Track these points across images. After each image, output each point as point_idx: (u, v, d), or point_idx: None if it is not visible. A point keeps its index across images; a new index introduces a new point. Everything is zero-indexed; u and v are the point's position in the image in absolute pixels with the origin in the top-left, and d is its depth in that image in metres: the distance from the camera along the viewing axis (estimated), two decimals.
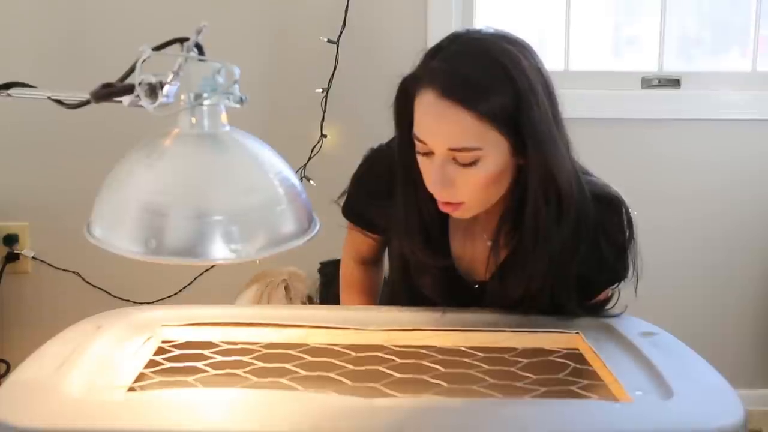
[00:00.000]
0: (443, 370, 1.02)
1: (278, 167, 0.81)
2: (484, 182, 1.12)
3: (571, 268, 1.18)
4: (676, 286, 2.25)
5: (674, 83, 2.21)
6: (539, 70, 1.13)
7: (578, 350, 1.09)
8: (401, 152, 1.21)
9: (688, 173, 2.23)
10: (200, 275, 2.18)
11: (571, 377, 1.01)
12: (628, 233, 1.22)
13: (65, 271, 2.22)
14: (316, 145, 2.12)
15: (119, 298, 2.18)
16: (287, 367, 1.02)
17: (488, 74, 1.08)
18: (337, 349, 1.08)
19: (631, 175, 2.10)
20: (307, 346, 1.09)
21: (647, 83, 2.21)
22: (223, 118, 0.79)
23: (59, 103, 0.86)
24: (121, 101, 0.79)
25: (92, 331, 1.08)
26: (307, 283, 1.76)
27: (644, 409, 0.89)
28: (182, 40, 0.77)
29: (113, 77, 0.81)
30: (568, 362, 1.05)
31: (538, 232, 1.15)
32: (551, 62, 1.66)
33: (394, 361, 1.05)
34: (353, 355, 1.06)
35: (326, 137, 2.12)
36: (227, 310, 1.20)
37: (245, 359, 1.05)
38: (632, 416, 0.88)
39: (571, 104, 1.18)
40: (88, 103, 0.82)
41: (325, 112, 2.11)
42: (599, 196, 1.21)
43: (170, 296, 2.17)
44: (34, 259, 2.22)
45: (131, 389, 0.95)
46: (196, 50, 0.76)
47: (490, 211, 1.20)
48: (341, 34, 2.06)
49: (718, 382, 0.96)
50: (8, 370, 2.11)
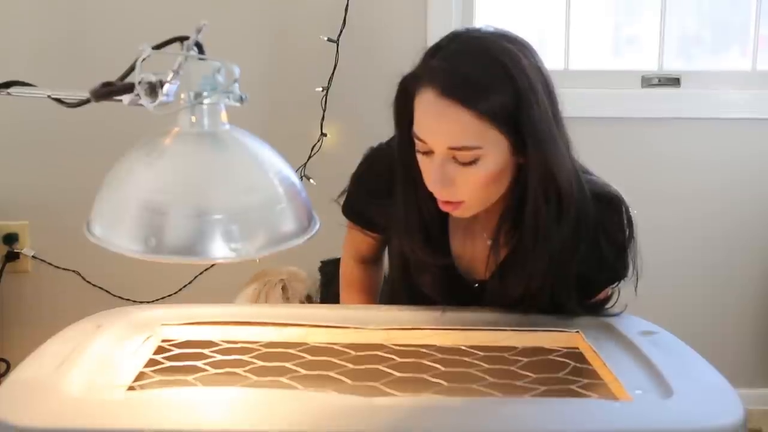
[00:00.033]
0: (443, 369, 1.02)
1: (278, 166, 0.80)
2: (484, 181, 1.12)
3: (571, 267, 1.18)
4: (676, 285, 2.25)
5: (674, 82, 2.21)
6: (539, 68, 1.13)
7: (578, 349, 1.09)
8: (401, 151, 1.21)
9: (688, 172, 2.23)
10: (200, 274, 2.18)
11: (570, 376, 1.01)
12: (628, 232, 1.22)
13: (65, 270, 2.22)
14: (316, 143, 2.12)
15: (119, 297, 2.18)
16: (287, 366, 1.02)
17: (488, 73, 1.08)
18: (336, 348, 1.08)
19: (631, 174, 2.09)
20: (306, 345, 1.09)
21: (647, 82, 2.21)
22: (223, 116, 0.79)
23: (59, 101, 0.86)
24: (121, 100, 0.79)
25: (92, 330, 1.08)
26: (307, 283, 1.75)
27: (644, 408, 0.89)
28: (182, 38, 0.77)
29: (113, 76, 0.81)
30: (568, 361, 1.05)
31: (538, 231, 1.15)
32: (551, 61, 1.67)
33: (393, 360, 1.05)
34: (353, 354, 1.06)
35: (326, 136, 2.12)
36: (227, 309, 1.20)
37: (245, 358, 1.05)
38: (632, 415, 0.88)
39: (571, 103, 1.18)
40: (88, 101, 0.82)
41: (325, 110, 2.11)
42: (599, 195, 1.21)
43: (170, 295, 2.17)
44: (34, 258, 2.22)
45: (131, 388, 0.95)
46: (196, 49, 0.76)
47: (490, 210, 1.20)
48: (341, 32, 2.06)
49: (717, 381, 0.96)
50: (8, 369, 2.10)
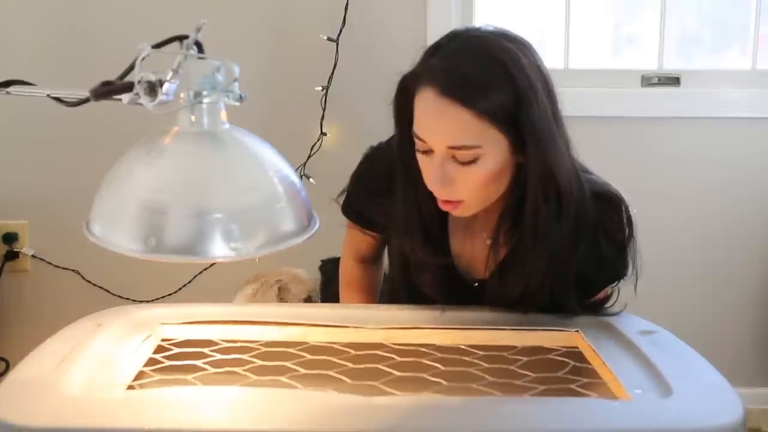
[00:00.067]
0: (442, 368, 1.02)
1: (278, 165, 0.80)
2: (483, 180, 1.12)
3: (570, 266, 1.18)
4: (675, 284, 2.25)
5: (674, 81, 2.21)
6: (539, 67, 1.13)
7: (578, 348, 1.09)
8: (401, 150, 1.21)
9: (687, 171, 2.23)
10: (200, 273, 2.18)
11: (570, 375, 1.01)
12: (627, 231, 1.22)
13: (65, 269, 2.22)
14: (315, 143, 2.12)
15: (119, 296, 2.18)
16: (287, 365, 1.02)
17: (488, 72, 1.08)
18: (336, 347, 1.08)
19: (630, 173, 2.09)
20: (306, 344, 1.09)
21: (647, 81, 2.21)
22: (222, 116, 0.79)
23: (58, 100, 0.86)
24: (120, 99, 0.79)
25: (92, 329, 1.08)
26: (307, 284, 1.75)
27: (643, 407, 0.89)
28: (182, 37, 0.77)
29: (113, 75, 0.81)
30: (567, 360, 1.05)
31: (537, 230, 1.15)
32: (551, 60, 1.67)
33: (393, 359, 1.05)
34: (353, 353, 1.06)
35: (326, 135, 2.12)
36: (227, 308, 1.20)
37: (245, 357, 1.05)
38: (631, 414, 0.88)
39: (570, 102, 1.18)
40: (87, 101, 0.82)
41: (324, 110, 2.11)
42: (599, 194, 1.21)
43: (170, 294, 2.17)
44: (33, 257, 2.22)
45: (131, 387, 0.95)
46: (195, 48, 0.76)
47: (489, 209, 1.20)
48: (341, 32, 2.06)
49: (717, 380, 0.96)
50: (8, 368, 2.10)
